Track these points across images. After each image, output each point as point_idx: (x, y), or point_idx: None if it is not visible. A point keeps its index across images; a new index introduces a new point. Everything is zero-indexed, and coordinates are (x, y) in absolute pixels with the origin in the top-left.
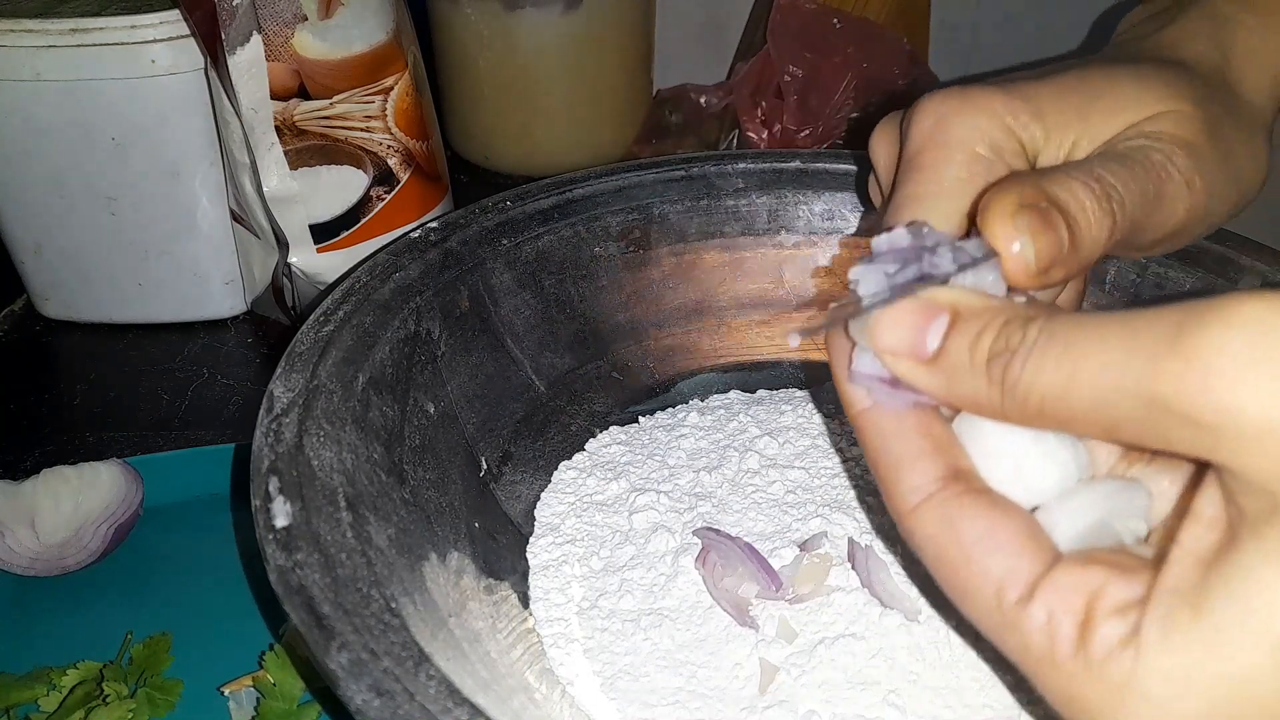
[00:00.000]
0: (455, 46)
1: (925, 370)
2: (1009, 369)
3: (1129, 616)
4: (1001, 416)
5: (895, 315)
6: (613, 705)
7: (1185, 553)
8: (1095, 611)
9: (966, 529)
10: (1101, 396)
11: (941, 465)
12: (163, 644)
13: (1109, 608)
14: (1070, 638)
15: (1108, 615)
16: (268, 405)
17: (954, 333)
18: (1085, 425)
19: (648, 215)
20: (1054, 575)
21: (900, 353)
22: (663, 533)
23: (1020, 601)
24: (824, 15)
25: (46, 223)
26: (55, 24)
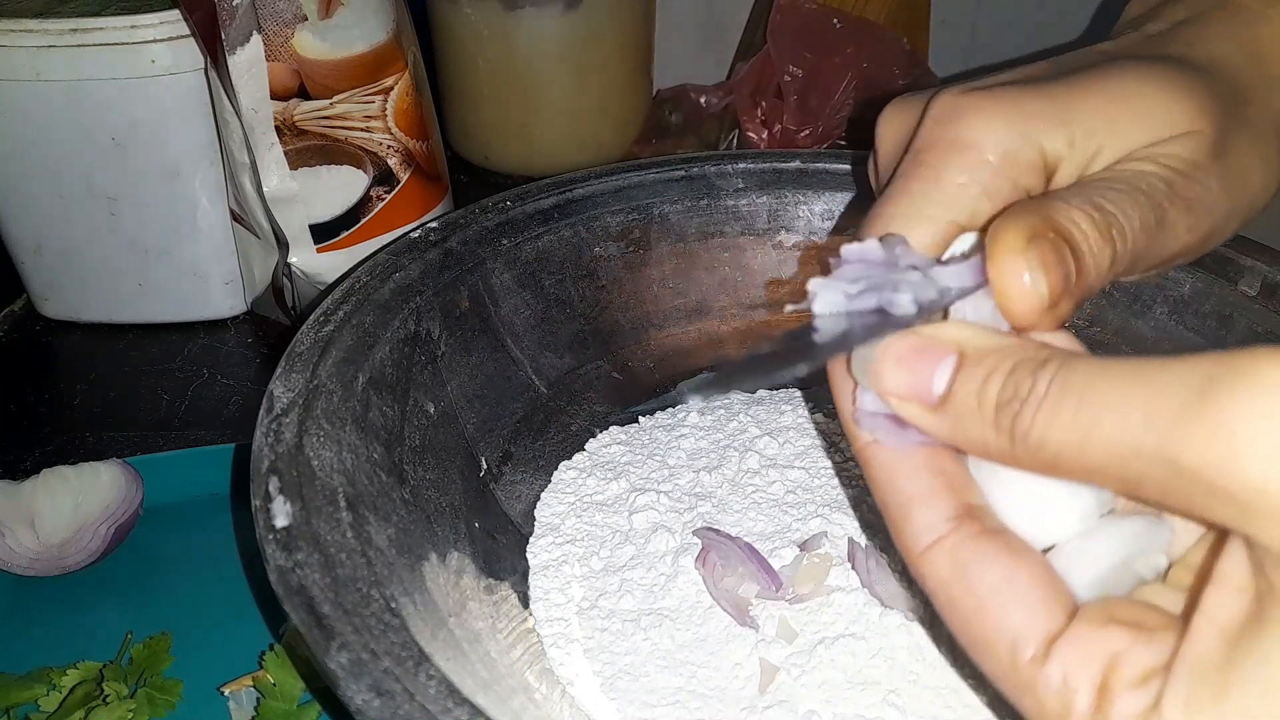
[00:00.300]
0: (455, 46)
1: (932, 415)
2: (1019, 419)
3: (1150, 687)
4: (1013, 464)
5: (898, 355)
6: (613, 705)
7: (1209, 621)
8: (1114, 680)
9: (981, 577)
10: (1120, 457)
11: (953, 504)
12: (163, 644)
13: (1129, 678)
14: (1088, 706)
15: (1128, 686)
16: (268, 405)
17: (961, 376)
18: (1103, 480)
19: (648, 215)
20: (1072, 633)
21: (905, 396)
22: (663, 533)
23: (1035, 660)
24: (824, 15)
25: (46, 223)
26: (55, 24)
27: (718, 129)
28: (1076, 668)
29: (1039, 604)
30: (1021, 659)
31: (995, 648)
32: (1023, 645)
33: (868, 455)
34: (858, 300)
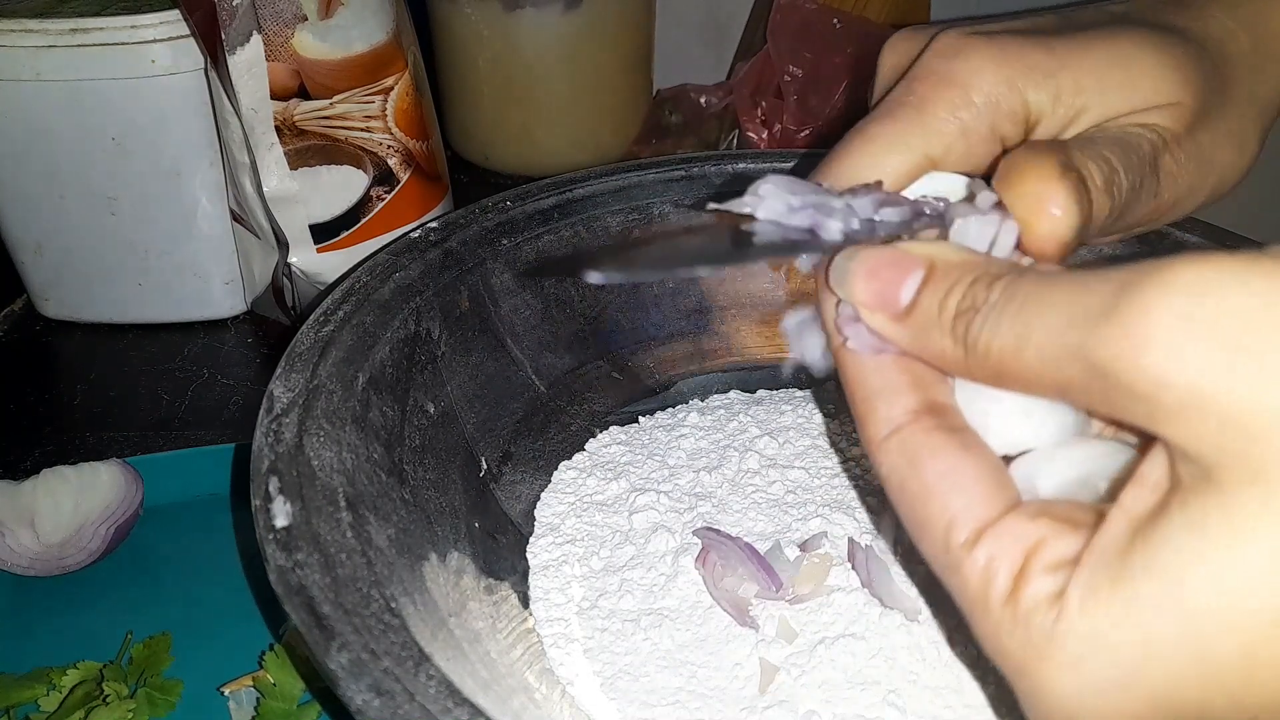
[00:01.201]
0: (455, 46)
1: (896, 325)
2: (970, 326)
3: (1059, 575)
4: (967, 374)
5: (871, 267)
6: (613, 705)
7: (1122, 513)
8: (1030, 565)
9: (930, 465)
10: (1049, 359)
11: (915, 400)
12: (163, 644)
13: (1043, 564)
14: (1004, 588)
15: (1040, 571)
16: (268, 405)
17: (926, 288)
18: (1039, 387)
19: (648, 215)
20: (1002, 522)
21: (873, 306)
22: (663, 533)
23: (966, 544)
24: (824, 15)
25: (46, 223)
26: (55, 24)
27: (718, 129)
28: (1000, 553)
29: (979, 494)
30: (954, 541)
31: (934, 530)
32: (957, 529)
33: (842, 357)
34: (796, 215)
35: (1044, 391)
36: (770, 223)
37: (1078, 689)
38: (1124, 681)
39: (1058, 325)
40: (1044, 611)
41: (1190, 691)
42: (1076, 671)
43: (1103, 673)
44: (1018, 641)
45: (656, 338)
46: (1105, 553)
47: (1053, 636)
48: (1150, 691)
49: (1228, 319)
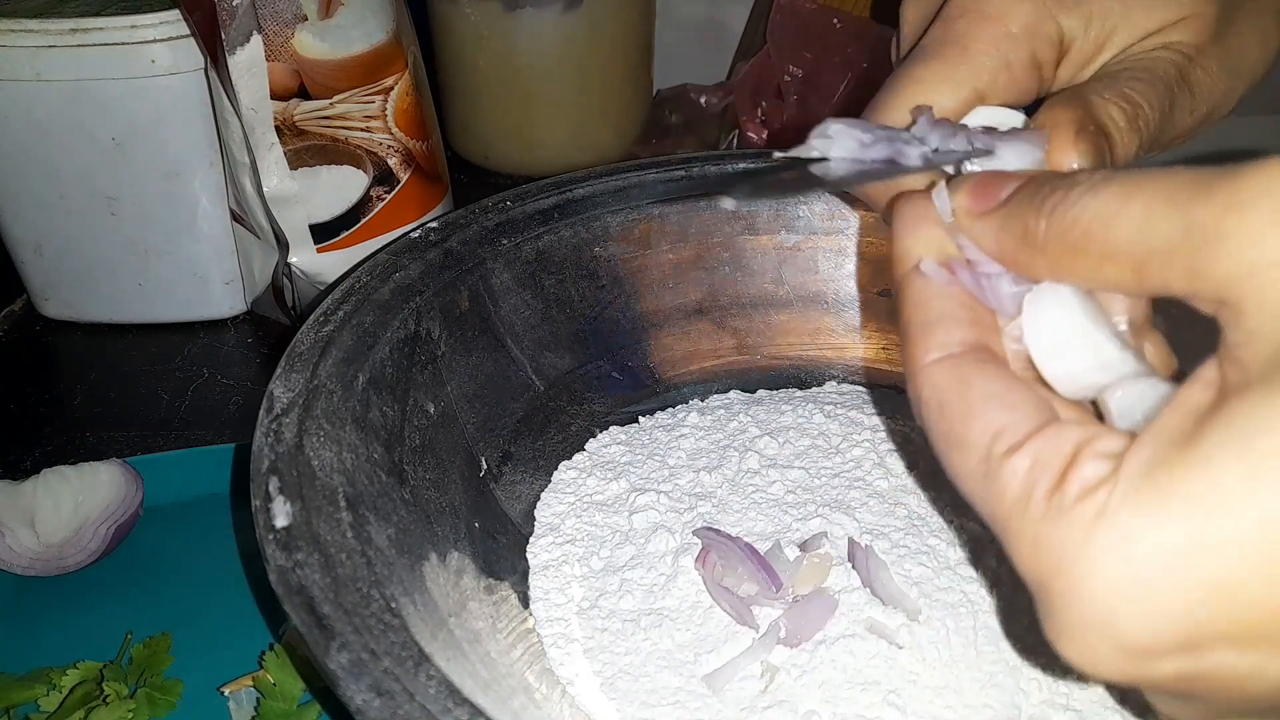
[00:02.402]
0: (455, 46)
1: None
2: (1065, 198)
3: (1109, 463)
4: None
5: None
6: (613, 705)
7: (1178, 407)
8: (1079, 456)
9: (978, 386)
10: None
11: (974, 335)
12: (163, 644)
13: (1093, 453)
14: (1049, 483)
15: (1089, 459)
16: (268, 405)
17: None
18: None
19: (648, 215)
20: (1049, 428)
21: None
22: (663, 533)
23: (1010, 450)
24: (824, 15)
25: (46, 223)
26: (55, 24)
27: (718, 129)
28: (1046, 453)
29: (1028, 411)
30: (997, 450)
31: (975, 445)
32: (1003, 437)
33: (907, 280)
34: (871, 150)
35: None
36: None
37: (1126, 569)
38: (1181, 560)
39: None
40: (1093, 493)
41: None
42: (1127, 548)
43: (1158, 549)
44: (1060, 529)
45: (656, 338)
46: (1165, 432)
47: (1101, 515)
48: (1211, 573)
49: None
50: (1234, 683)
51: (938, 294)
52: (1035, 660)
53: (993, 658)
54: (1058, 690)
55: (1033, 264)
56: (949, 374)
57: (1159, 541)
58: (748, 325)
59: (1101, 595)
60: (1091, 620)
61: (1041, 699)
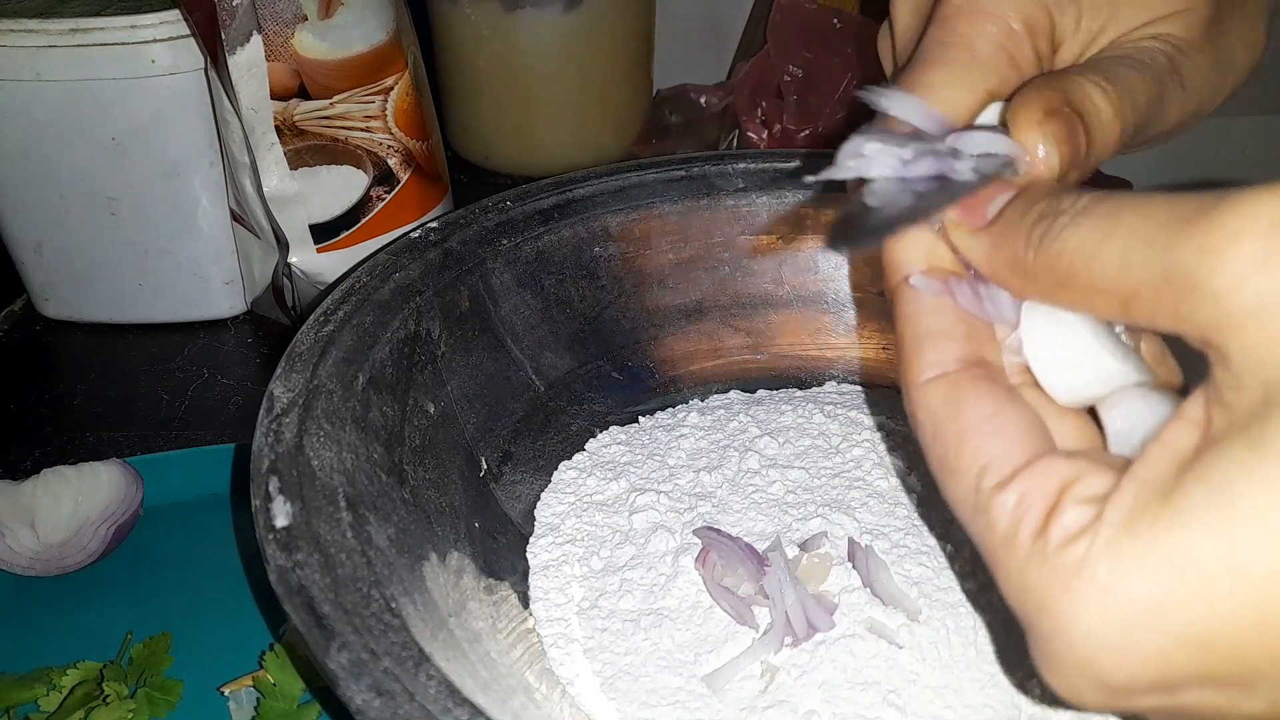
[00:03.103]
0: (455, 46)
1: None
2: (1050, 229)
3: (1093, 507)
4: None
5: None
6: (612, 705)
7: (1163, 448)
8: (1064, 499)
9: (970, 410)
10: (1126, 259)
11: (968, 349)
12: (163, 644)
13: (1078, 496)
14: (1034, 524)
15: (1074, 503)
16: (268, 405)
17: (1014, 201)
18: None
19: (648, 215)
20: (1037, 463)
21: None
22: (663, 533)
23: (999, 485)
24: (824, 15)
25: (46, 223)
26: (55, 24)
27: (718, 129)
28: (1033, 490)
29: (1019, 440)
30: (986, 483)
31: (966, 474)
32: (991, 471)
33: (899, 292)
34: (914, 167)
35: (1108, 302)
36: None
37: (1103, 620)
38: (1156, 613)
39: (1142, 227)
40: (1075, 541)
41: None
42: (1105, 601)
43: (1134, 601)
44: (1044, 575)
45: (656, 338)
46: (1147, 480)
47: (1083, 566)
48: (1183, 624)
49: None
50: (1212, 713)
51: (929, 307)
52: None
53: (993, 658)
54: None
55: (1024, 291)
56: (941, 396)
57: (1136, 595)
58: (748, 325)
59: (1081, 641)
60: (1073, 661)
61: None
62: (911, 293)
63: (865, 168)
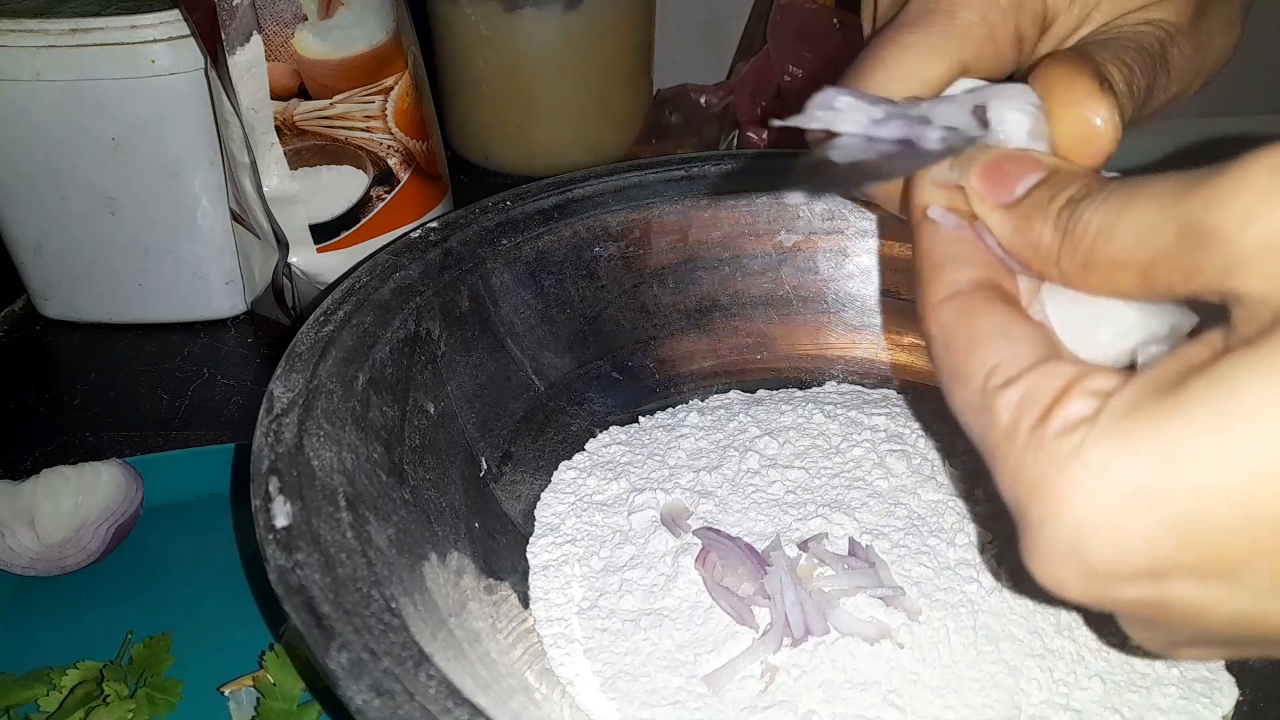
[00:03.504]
0: (455, 46)
1: (1001, 212)
2: (1076, 212)
3: (1096, 400)
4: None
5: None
6: (612, 705)
7: (1175, 358)
8: (1067, 392)
9: (982, 321)
10: (1143, 229)
11: (984, 274)
12: (163, 644)
13: (1081, 390)
14: (1036, 414)
15: (1077, 396)
16: (268, 405)
17: (1043, 184)
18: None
19: (648, 215)
20: (1045, 364)
21: (985, 193)
22: (663, 533)
23: (1004, 383)
24: (824, 15)
25: (46, 223)
26: (55, 24)
27: (718, 129)
28: (1037, 387)
29: (1028, 345)
30: (993, 383)
31: (974, 377)
32: (999, 371)
33: (918, 228)
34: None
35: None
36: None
37: (1094, 500)
38: (1147, 498)
39: (1158, 196)
40: (1073, 430)
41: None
42: (1097, 484)
43: (1126, 484)
44: (1040, 461)
45: (656, 338)
46: (1152, 379)
47: (1078, 450)
48: (1174, 509)
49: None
50: (1193, 611)
51: (947, 238)
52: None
53: (993, 658)
54: (1058, 690)
55: (1046, 273)
56: (955, 310)
57: (1128, 478)
58: (748, 325)
59: (1071, 522)
60: (1061, 544)
61: (1041, 699)
62: (931, 225)
63: (834, 120)
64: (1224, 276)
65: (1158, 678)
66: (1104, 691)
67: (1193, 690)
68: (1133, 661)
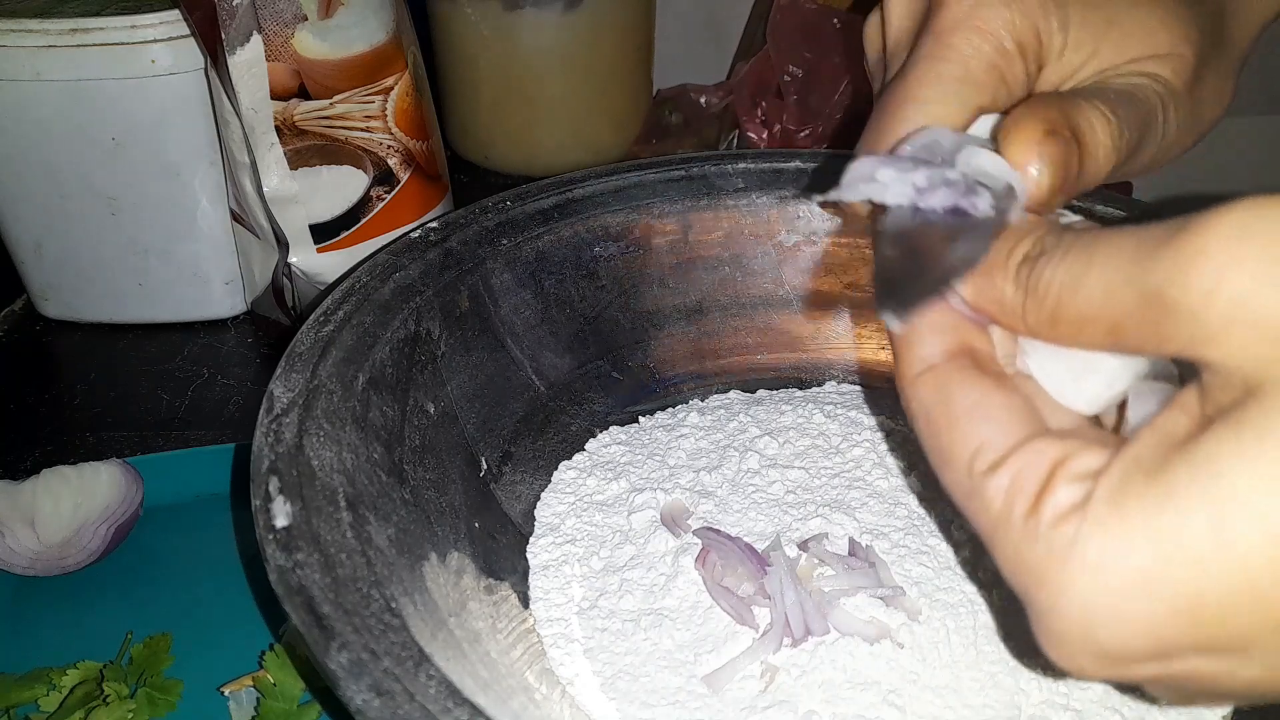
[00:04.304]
0: (455, 46)
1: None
2: (1035, 269)
3: (1085, 484)
4: (1023, 322)
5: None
6: (612, 705)
7: (1155, 431)
8: (1055, 477)
9: (959, 398)
10: (1107, 291)
11: (954, 342)
12: (163, 644)
13: (1069, 474)
14: (1026, 503)
15: (1066, 481)
16: (268, 405)
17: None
18: (1093, 328)
19: (648, 215)
20: (1028, 444)
21: None
22: (663, 533)
23: (990, 468)
24: (824, 15)
25: (46, 223)
26: (55, 24)
27: (718, 129)
28: (1025, 470)
29: (1007, 424)
30: (978, 467)
31: (959, 460)
32: (983, 454)
33: None
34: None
35: (1096, 333)
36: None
37: (1097, 592)
38: (1147, 584)
39: (1117, 257)
40: (1066, 520)
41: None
42: (1097, 575)
43: (1125, 575)
44: (1038, 552)
45: (656, 338)
46: (1136, 460)
47: (1074, 542)
48: (1174, 595)
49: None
50: (1209, 681)
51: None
52: (1032, 661)
53: (993, 658)
54: (1057, 690)
55: (1014, 328)
56: (931, 387)
57: (1126, 568)
58: (748, 325)
59: (1077, 614)
60: (1071, 633)
61: (1041, 699)
62: None
63: (879, 193)
64: (1194, 347)
65: None
66: (1104, 691)
67: None
68: None
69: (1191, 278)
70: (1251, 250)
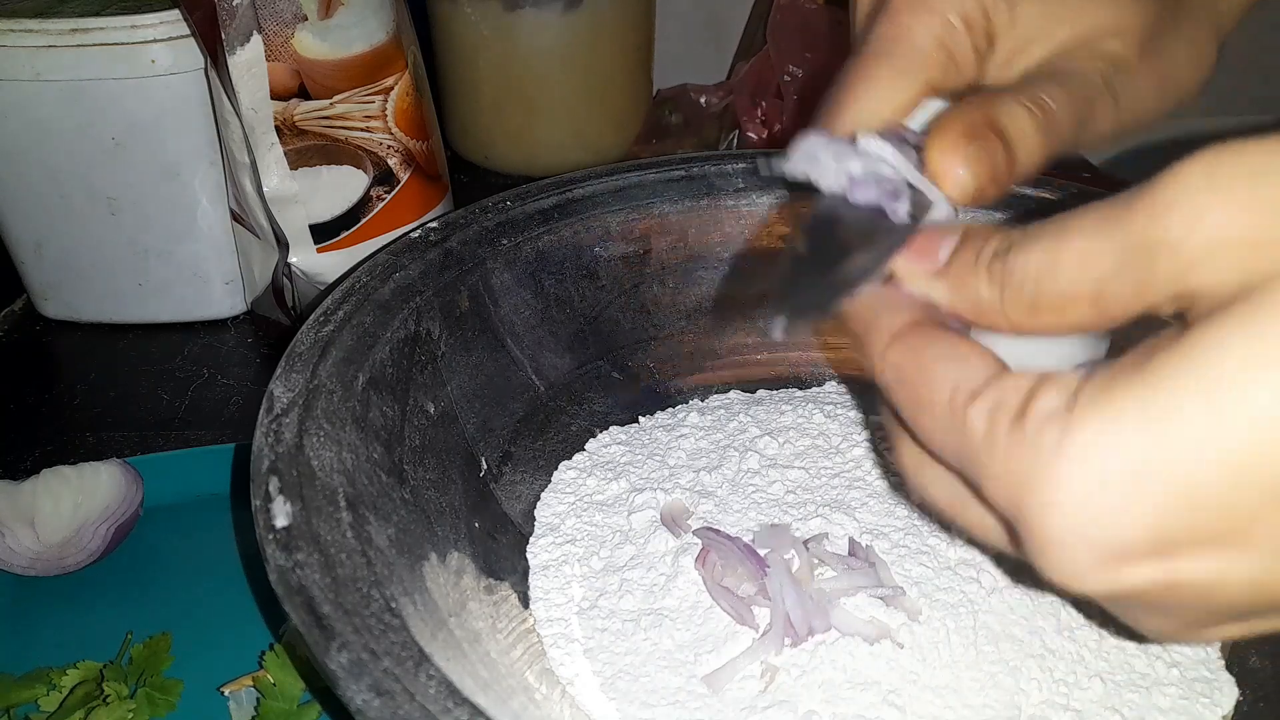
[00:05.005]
0: (455, 46)
1: (935, 280)
2: (1005, 262)
3: (1068, 392)
4: (1004, 318)
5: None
6: (612, 705)
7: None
8: (1038, 389)
9: (929, 350)
10: (1084, 262)
11: (915, 314)
12: (163, 644)
13: (1053, 385)
14: (1009, 418)
15: (1049, 390)
16: (268, 405)
17: (963, 244)
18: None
19: (648, 215)
20: (1004, 375)
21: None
22: (663, 533)
23: (971, 396)
24: (824, 15)
25: (46, 223)
26: (55, 24)
27: (718, 129)
28: (1006, 393)
29: (981, 364)
30: (959, 401)
31: (937, 401)
32: (961, 389)
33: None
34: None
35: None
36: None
37: (1091, 482)
38: (1144, 471)
39: (1089, 228)
40: (1054, 419)
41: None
42: (1092, 464)
43: (1120, 462)
44: (1027, 456)
45: (656, 338)
46: (1121, 365)
47: (1065, 436)
48: (1171, 479)
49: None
50: (1205, 585)
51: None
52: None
53: (993, 658)
54: (1058, 690)
55: (995, 326)
56: (899, 350)
57: (1122, 455)
58: (748, 325)
59: (1073, 506)
60: (1066, 531)
61: (1041, 699)
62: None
63: (818, 174)
64: (1180, 279)
65: (1158, 678)
66: (1104, 691)
67: (1193, 690)
68: (1133, 662)
69: (1172, 215)
70: (1221, 183)
